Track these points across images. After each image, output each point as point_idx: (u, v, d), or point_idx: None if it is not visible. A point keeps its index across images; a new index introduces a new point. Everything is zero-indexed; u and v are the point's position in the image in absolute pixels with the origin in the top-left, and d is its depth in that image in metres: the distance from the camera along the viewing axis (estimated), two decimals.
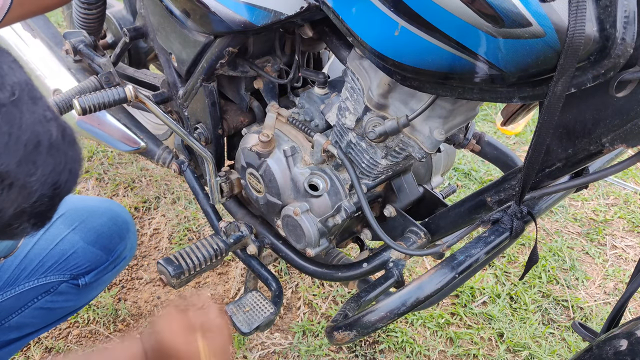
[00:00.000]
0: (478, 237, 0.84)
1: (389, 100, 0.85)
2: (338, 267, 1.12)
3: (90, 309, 1.55)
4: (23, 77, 0.51)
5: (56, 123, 0.54)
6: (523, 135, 2.49)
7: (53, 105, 0.84)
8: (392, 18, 0.66)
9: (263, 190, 1.09)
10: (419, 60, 0.68)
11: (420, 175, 1.16)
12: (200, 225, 1.87)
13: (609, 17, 0.56)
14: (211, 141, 1.19)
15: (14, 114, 0.49)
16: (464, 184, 2.17)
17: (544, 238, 1.97)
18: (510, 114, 0.91)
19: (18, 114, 0.49)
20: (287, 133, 1.06)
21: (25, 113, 0.50)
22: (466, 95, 0.70)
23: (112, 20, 1.44)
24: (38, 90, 0.53)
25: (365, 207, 0.95)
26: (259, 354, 1.49)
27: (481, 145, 1.19)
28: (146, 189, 2.00)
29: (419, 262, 1.82)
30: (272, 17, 0.85)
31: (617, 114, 0.65)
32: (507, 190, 0.86)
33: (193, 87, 1.13)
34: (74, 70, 1.40)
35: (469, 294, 1.70)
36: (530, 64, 0.61)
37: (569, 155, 0.73)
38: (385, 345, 1.53)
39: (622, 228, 2.06)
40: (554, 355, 1.55)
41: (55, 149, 0.53)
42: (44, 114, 0.53)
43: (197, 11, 0.95)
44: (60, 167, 0.54)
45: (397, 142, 0.89)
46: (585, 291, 1.78)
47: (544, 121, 0.64)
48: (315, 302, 1.64)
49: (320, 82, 1.04)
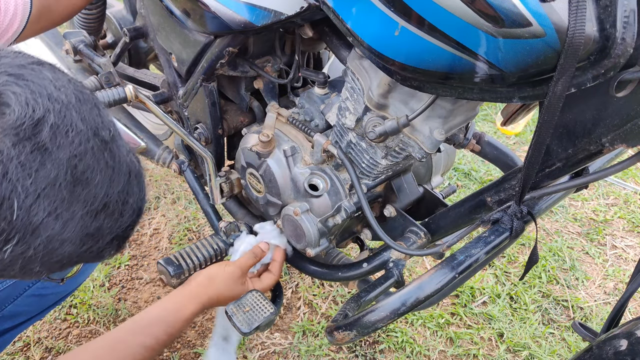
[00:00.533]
0: (478, 237, 0.84)
1: (389, 100, 0.85)
2: (338, 267, 1.12)
3: (90, 309, 1.55)
4: (110, 116, 0.59)
5: (134, 154, 0.61)
6: (523, 135, 2.49)
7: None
8: (392, 18, 0.66)
9: (263, 190, 1.09)
10: (419, 60, 0.68)
11: (420, 175, 1.16)
12: (200, 225, 1.87)
13: (609, 17, 0.56)
14: (211, 141, 1.19)
15: (114, 149, 0.56)
16: (464, 184, 2.17)
17: (544, 238, 1.97)
18: (510, 114, 0.91)
19: (116, 149, 0.56)
20: (287, 133, 1.06)
21: (120, 148, 0.57)
22: (466, 95, 0.70)
23: (112, 20, 1.44)
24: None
25: (365, 207, 0.95)
26: (259, 354, 1.49)
27: (481, 145, 1.19)
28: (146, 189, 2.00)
29: (419, 262, 1.82)
30: (272, 17, 0.85)
31: (617, 114, 0.65)
32: (507, 190, 0.86)
33: (193, 87, 1.13)
34: (74, 70, 1.40)
35: (469, 294, 1.70)
36: (530, 64, 0.61)
37: (569, 155, 0.73)
38: (385, 345, 1.53)
39: (622, 228, 2.06)
40: (554, 355, 1.55)
41: (139, 177, 0.60)
42: (127, 146, 0.59)
43: (197, 11, 0.95)
44: (143, 193, 0.61)
45: (397, 142, 0.89)
46: (585, 291, 1.78)
47: (544, 121, 0.64)
48: (315, 302, 1.64)
49: (320, 82, 1.04)
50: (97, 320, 1.53)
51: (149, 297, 1.62)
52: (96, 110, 0.56)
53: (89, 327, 1.52)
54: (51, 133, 0.50)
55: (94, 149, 0.53)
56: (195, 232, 1.85)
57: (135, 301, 1.61)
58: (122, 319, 1.54)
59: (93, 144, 0.53)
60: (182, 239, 1.81)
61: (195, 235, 1.85)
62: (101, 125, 0.55)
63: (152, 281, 1.67)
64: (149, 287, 1.65)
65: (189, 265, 1.11)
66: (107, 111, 0.58)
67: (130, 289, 1.64)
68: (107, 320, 1.54)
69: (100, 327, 1.52)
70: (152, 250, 1.78)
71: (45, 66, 0.55)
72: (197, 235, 1.85)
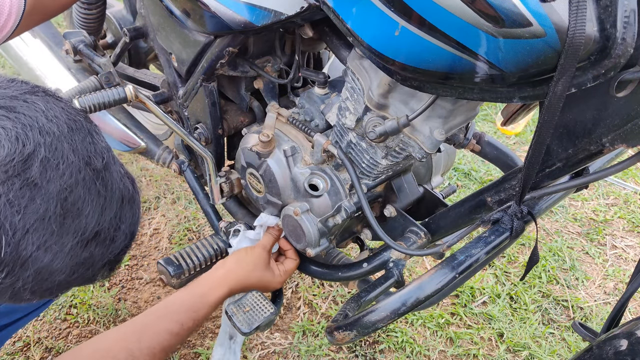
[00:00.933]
0: (478, 237, 0.84)
1: (389, 100, 0.85)
2: (338, 267, 1.12)
3: (90, 309, 1.55)
4: (104, 141, 0.57)
5: (128, 177, 0.59)
6: (523, 135, 2.50)
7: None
8: (392, 18, 0.66)
9: (263, 190, 1.09)
10: (419, 60, 0.68)
11: (420, 175, 1.16)
12: (200, 225, 1.87)
13: (609, 17, 0.56)
14: (211, 141, 1.19)
15: (107, 177, 0.54)
16: (464, 184, 2.17)
17: (544, 238, 1.97)
18: (510, 114, 0.91)
19: (109, 176, 0.55)
20: (287, 133, 1.06)
21: (113, 174, 0.55)
22: (466, 95, 0.70)
23: (112, 20, 1.44)
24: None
25: (365, 207, 0.95)
26: (259, 354, 1.49)
27: (481, 145, 1.19)
28: (146, 189, 2.00)
29: (419, 262, 1.82)
30: (272, 17, 0.85)
31: (617, 114, 0.65)
32: (507, 190, 0.86)
33: (193, 87, 1.13)
34: (74, 70, 1.40)
35: (469, 294, 1.70)
36: (531, 64, 0.61)
37: (569, 155, 0.73)
38: (385, 345, 1.53)
39: (622, 228, 2.06)
40: (554, 355, 1.55)
41: (132, 201, 0.59)
42: (121, 170, 0.58)
43: (197, 11, 0.95)
44: (136, 217, 0.60)
45: (397, 142, 0.89)
46: (585, 291, 1.78)
47: (544, 121, 0.64)
48: (315, 302, 1.64)
49: (320, 82, 1.04)
50: (97, 320, 1.53)
51: (149, 297, 1.62)
52: (89, 138, 0.54)
53: (89, 327, 1.52)
54: (41, 167, 0.49)
55: (86, 179, 0.52)
56: (195, 232, 1.86)
57: (135, 301, 1.61)
58: (122, 319, 1.54)
59: (84, 175, 0.52)
60: (182, 239, 1.81)
61: (195, 235, 1.85)
62: (94, 153, 0.54)
63: (152, 281, 1.67)
64: (149, 287, 1.65)
65: (189, 265, 1.11)
66: (101, 137, 0.57)
67: (130, 289, 1.64)
68: (107, 320, 1.54)
69: (100, 327, 1.52)
70: (152, 250, 1.78)
71: (38, 95, 0.54)
72: (197, 235, 1.85)
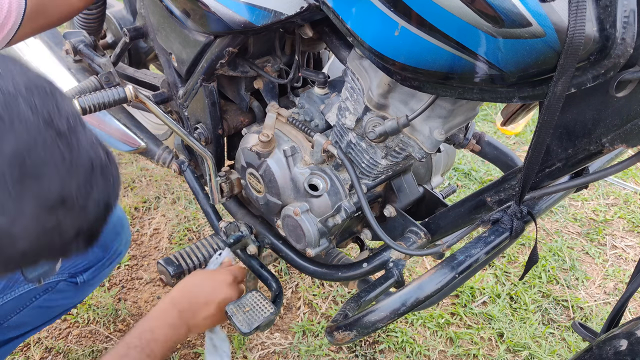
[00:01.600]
0: (478, 237, 0.84)
1: (389, 100, 0.85)
2: (338, 267, 1.12)
3: (90, 309, 1.55)
4: (72, 106, 0.55)
5: (101, 146, 0.58)
6: (523, 135, 2.50)
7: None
8: (392, 18, 0.66)
9: (263, 190, 1.09)
10: (419, 60, 0.68)
11: (420, 175, 1.16)
12: (200, 225, 1.87)
13: (609, 17, 0.56)
14: (211, 141, 1.19)
15: (72, 141, 0.52)
16: (464, 184, 2.17)
17: (544, 238, 1.97)
18: (510, 114, 0.91)
19: (75, 141, 0.52)
20: (287, 133, 1.06)
21: (81, 139, 0.53)
22: (466, 95, 0.70)
23: (112, 20, 1.44)
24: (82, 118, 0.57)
25: (365, 207, 0.95)
26: (259, 354, 1.49)
27: (481, 145, 1.19)
28: (146, 189, 2.00)
29: (419, 262, 1.82)
30: (272, 17, 0.85)
31: (617, 114, 0.65)
32: (507, 190, 0.86)
33: (193, 87, 1.13)
34: (74, 70, 1.40)
35: (469, 294, 1.70)
36: (530, 64, 0.61)
37: (569, 155, 0.73)
38: (385, 345, 1.53)
39: (622, 228, 2.06)
40: (554, 355, 1.55)
41: (105, 170, 0.57)
42: (92, 138, 0.56)
43: (197, 11, 0.95)
44: (109, 187, 0.58)
45: (397, 142, 0.89)
46: (585, 291, 1.78)
47: (544, 121, 0.64)
48: (315, 302, 1.64)
49: (320, 82, 1.04)
50: (97, 320, 1.53)
51: (149, 297, 1.62)
52: (52, 102, 0.52)
53: (89, 327, 1.52)
54: None
55: (47, 141, 0.50)
56: (195, 232, 1.86)
57: (135, 301, 1.61)
58: (122, 319, 1.54)
59: (45, 136, 0.49)
60: (182, 239, 1.81)
61: (195, 235, 1.85)
62: (57, 115, 0.51)
63: (152, 281, 1.67)
64: (149, 287, 1.65)
65: (189, 265, 1.11)
66: (68, 101, 0.55)
67: (130, 289, 1.64)
68: (107, 320, 1.54)
69: (100, 327, 1.52)
70: (152, 250, 1.78)
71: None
72: (197, 235, 1.85)
